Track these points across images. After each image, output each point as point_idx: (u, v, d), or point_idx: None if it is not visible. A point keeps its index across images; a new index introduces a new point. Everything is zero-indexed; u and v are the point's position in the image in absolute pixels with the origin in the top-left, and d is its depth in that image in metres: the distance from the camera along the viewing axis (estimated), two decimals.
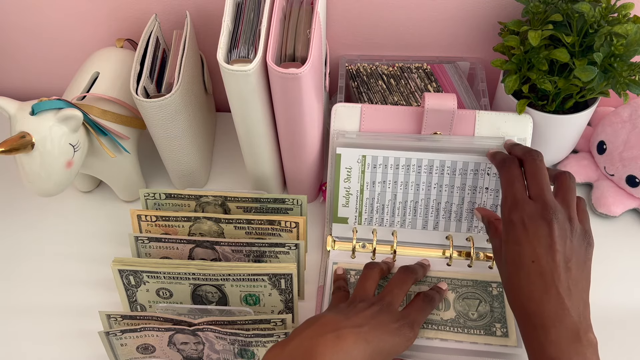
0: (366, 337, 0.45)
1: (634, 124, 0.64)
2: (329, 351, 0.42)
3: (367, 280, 0.55)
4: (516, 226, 0.47)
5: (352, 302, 0.50)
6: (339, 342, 0.43)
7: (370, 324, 0.46)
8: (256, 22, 0.55)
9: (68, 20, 0.73)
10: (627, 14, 0.56)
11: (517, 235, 0.47)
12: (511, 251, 0.47)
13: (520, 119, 0.61)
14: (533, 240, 0.46)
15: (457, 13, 0.69)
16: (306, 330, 0.45)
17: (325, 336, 0.44)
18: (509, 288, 0.48)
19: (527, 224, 0.47)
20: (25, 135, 0.53)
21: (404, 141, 0.61)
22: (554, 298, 0.44)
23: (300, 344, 0.44)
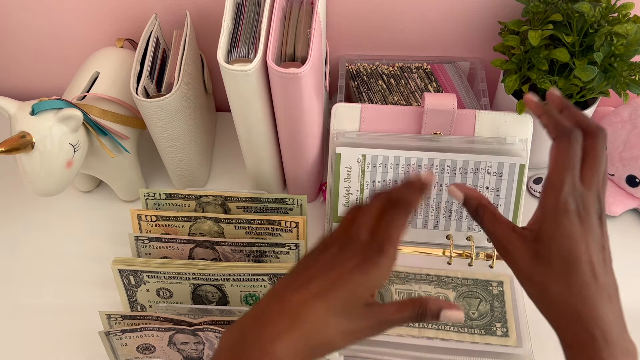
0: (324, 296, 0.38)
1: (634, 124, 0.64)
2: (274, 325, 0.37)
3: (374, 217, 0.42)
4: (571, 217, 0.40)
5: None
6: (284, 309, 0.37)
7: (326, 275, 0.39)
8: (256, 22, 0.55)
9: (68, 20, 0.73)
10: (627, 14, 0.56)
11: (571, 228, 0.40)
12: (561, 245, 0.40)
13: (521, 118, 0.61)
14: (588, 237, 0.40)
15: (457, 13, 0.69)
16: (259, 302, 0.39)
17: (270, 306, 0.38)
18: (553, 288, 0.40)
19: (583, 216, 0.40)
20: (25, 135, 0.53)
21: (404, 141, 0.61)
22: (607, 302, 0.39)
23: (248, 320, 0.38)
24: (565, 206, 0.40)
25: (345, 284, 0.39)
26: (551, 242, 0.40)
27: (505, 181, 0.61)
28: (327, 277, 0.39)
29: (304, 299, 0.38)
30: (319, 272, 0.39)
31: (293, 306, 0.38)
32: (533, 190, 0.69)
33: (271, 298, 0.39)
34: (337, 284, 0.39)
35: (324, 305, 0.38)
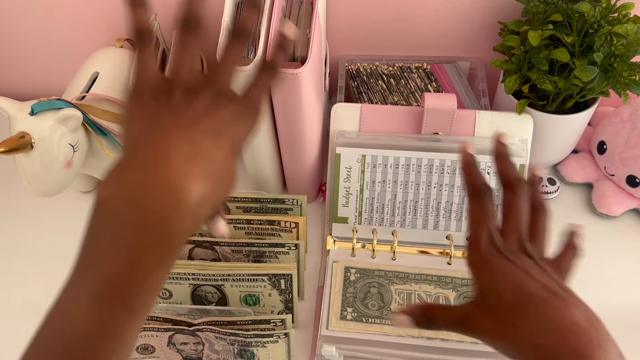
0: (219, 132, 0.34)
1: (634, 124, 0.64)
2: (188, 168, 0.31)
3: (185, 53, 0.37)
4: (500, 260, 0.39)
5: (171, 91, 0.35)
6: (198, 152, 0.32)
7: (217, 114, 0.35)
8: (256, 22, 0.55)
9: (67, 21, 0.73)
10: (627, 14, 0.56)
11: (504, 268, 0.39)
12: (506, 285, 0.39)
13: (520, 119, 0.61)
14: (527, 268, 0.39)
15: (457, 13, 0.69)
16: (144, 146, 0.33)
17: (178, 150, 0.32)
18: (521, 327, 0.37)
19: (512, 258, 0.39)
20: (24, 135, 0.53)
21: (403, 141, 0.61)
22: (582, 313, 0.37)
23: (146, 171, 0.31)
24: (490, 255, 0.39)
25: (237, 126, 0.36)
26: (495, 288, 0.39)
27: None
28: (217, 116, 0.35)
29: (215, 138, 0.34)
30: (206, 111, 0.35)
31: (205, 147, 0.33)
32: None
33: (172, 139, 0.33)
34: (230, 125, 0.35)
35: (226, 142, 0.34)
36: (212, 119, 0.34)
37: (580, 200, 0.69)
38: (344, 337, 0.56)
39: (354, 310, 0.58)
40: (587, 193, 0.70)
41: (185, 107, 0.35)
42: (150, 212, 0.31)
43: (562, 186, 0.70)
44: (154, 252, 0.31)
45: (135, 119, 0.35)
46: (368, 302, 0.58)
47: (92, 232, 0.33)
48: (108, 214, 0.32)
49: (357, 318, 0.57)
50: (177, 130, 0.33)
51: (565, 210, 0.68)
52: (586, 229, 0.68)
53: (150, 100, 0.35)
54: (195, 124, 0.34)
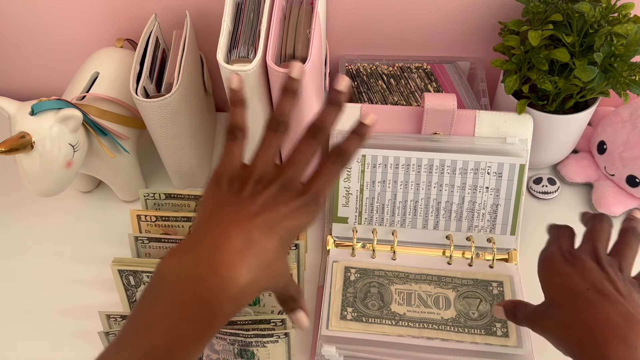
0: (272, 227, 0.38)
1: (634, 124, 0.64)
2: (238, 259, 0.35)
3: (267, 149, 0.42)
4: (558, 263, 0.45)
5: (245, 181, 0.40)
6: (249, 245, 0.36)
7: (276, 210, 0.38)
8: (256, 22, 0.55)
9: (68, 20, 0.73)
10: (627, 14, 0.56)
11: (561, 270, 0.45)
12: (558, 286, 0.45)
13: (521, 119, 0.61)
14: (582, 271, 0.44)
15: (457, 13, 0.69)
16: (205, 233, 0.37)
17: (231, 241, 0.36)
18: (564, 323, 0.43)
19: (571, 260, 0.45)
20: (24, 135, 0.53)
21: (404, 141, 0.61)
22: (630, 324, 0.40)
23: (201, 255, 0.36)
24: (552, 258, 0.46)
25: (293, 221, 0.39)
26: (549, 287, 0.46)
27: (505, 181, 0.61)
28: (275, 212, 0.39)
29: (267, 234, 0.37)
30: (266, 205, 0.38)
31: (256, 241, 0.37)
32: (533, 191, 0.69)
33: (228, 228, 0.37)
34: (286, 220, 0.39)
35: (278, 241, 0.38)
36: (270, 214, 0.38)
37: (580, 200, 0.69)
38: (344, 337, 0.56)
39: (354, 310, 0.58)
40: (587, 193, 0.70)
41: (251, 199, 0.39)
42: (197, 294, 0.34)
43: (562, 186, 0.70)
44: (196, 330, 0.34)
45: (208, 202, 0.40)
46: (368, 302, 0.58)
47: (144, 302, 0.36)
48: (161, 289, 0.35)
49: (357, 318, 0.57)
50: (235, 223, 0.37)
51: (565, 210, 0.68)
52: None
53: (225, 186, 0.40)
54: (253, 218, 0.37)
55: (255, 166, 0.41)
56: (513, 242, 0.62)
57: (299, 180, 0.41)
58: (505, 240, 0.62)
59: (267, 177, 0.41)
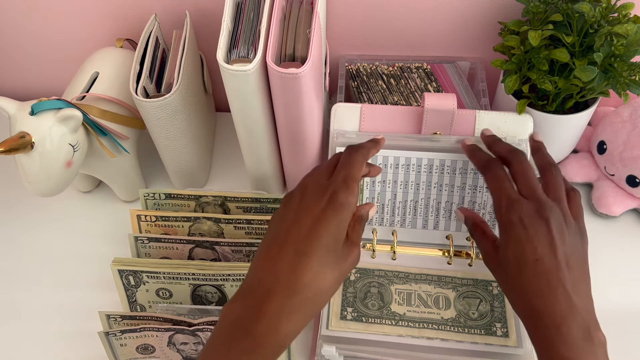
0: (304, 251, 0.40)
1: (634, 124, 0.64)
2: (280, 303, 0.39)
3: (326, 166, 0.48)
4: (515, 226, 0.46)
5: (281, 205, 0.45)
6: (295, 291, 0.39)
7: (302, 226, 0.41)
8: (256, 22, 0.55)
9: (68, 20, 0.73)
10: (628, 14, 0.56)
11: (517, 235, 0.46)
12: (513, 251, 0.46)
13: (520, 119, 0.61)
14: (534, 239, 0.45)
15: (457, 13, 0.69)
16: (256, 278, 0.41)
17: (275, 296, 0.39)
18: (512, 289, 0.46)
19: (526, 223, 0.46)
20: (24, 135, 0.53)
21: (403, 141, 0.61)
22: (562, 296, 0.43)
23: (252, 298, 0.40)
24: (508, 217, 0.47)
25: (325, 231, 0.41)
26: (506, 249, 0.47)
27: None
28: (304, 228, 0.41)
29: (295, 262, 0.40)
30: (295, 225, 0.41)
31: (287, 272, 0.39)
32: None
33: (261, 269, 0.41)
34: (318, 233, 0.41)
35: (316, 262, 0.40)
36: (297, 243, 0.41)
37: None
38: (344, 337, 0.56)
39: (354, 310, 0.58)
40: (587, 193, 0.70)
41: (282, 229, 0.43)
42: (249, 331, 0.38)
43: None
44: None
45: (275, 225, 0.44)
46: (368, 302, 0.58)
47: (210, 338, 0.40)
48: (222, 326, 0.40)
49: (357, 318, 0.57)
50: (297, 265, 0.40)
51: None
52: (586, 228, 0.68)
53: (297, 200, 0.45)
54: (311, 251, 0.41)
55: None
56: None
57: (320, 181, 0.44)
58: None
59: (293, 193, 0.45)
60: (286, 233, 0.42)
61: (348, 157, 0.47)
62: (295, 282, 0.39)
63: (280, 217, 0.44)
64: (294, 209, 0.43)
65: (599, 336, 0.42)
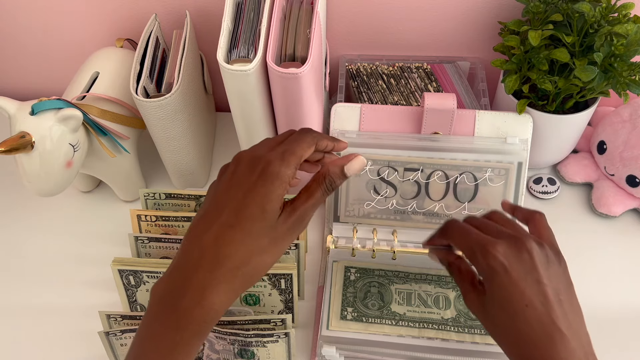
0: (238, 223, 0.39)
1: (634, 124, 0.64)
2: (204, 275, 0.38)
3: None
4: (497, 271, 0.42)
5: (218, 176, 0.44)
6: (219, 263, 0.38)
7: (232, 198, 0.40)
8: (256, 22, 0.55)
9: (68, 20, 0.73)
10: (628, 14, 0.56)
11: (501, 281, 0.42)
12: (499, 299, 0.42)
13: (520, 118, 0.61)
14: (520, 282, 0.42)
15: (457, 13, 0.69)
16: (183, 251, 0.40)
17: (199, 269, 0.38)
18: (502, 337, 0.43)
19: (507, 265, 0.42)
20: (25, 135, 0.53)
21: (403, 141, 0.61)
22: (559, 341, 0.40)
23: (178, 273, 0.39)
24: (487, 264, 0.43)
25: (252, 201, 0.39)
26: (491, 296, 0.43)
27: (505, 181, 0.61)
28: (233, 200, 0.39)
29: (219, 234, 0.39)
30: (224, 197, 0.40)
31: (211, 245, 0.38)
32: (533, 191, 0.69)
33: (189, 243, 0.40)
34: (245, 203, 0.39)
35: (239, 234, 0.39)
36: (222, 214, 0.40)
37: (580, 200, 0.69)
38: (344, 337, 0.56)
39: (354, 310, 0.58)
40: (587, 193, 0.70)
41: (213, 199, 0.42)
42: (174, 306, 0.38)
43: (562, 186, 0.70)
44: (175, 339, 0.38)
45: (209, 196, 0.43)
46: (368, 301, 0.58)
47: (143, 317, 0.40)
48: (150, 304, 0.39)
49: (358, 318, 0.57)
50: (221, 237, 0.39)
51: (565, 210, 0.68)
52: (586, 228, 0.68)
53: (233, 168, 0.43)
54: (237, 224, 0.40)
55: None
56: None
57: (260, 152, 0.42)
58: None
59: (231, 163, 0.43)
60: (215, 206, 0.40)
61: (296, 134, 0.44)
62: (217, 254, 0.38)
63: (213, 189, 0.42)
64: (226, 180, 0.41)
65: None
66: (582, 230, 0.66)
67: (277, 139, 0.44)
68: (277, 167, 0.40)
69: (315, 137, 0.44)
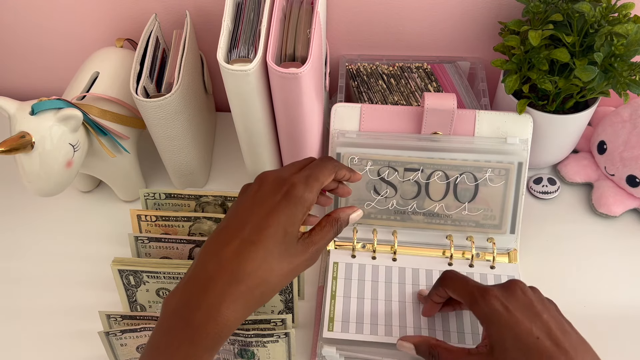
0: (250, 239, 0.40)
1: (634, 124, 0.64)
2: (219, 288, 0.38)
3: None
4: (501, 312, 0.44)
5: (239, 195, 0.45)
6: (221, 269, 0.39)
7: (251, 216, 0.41)
8: (256, 22, 0.55)
9: (68, 20, 0.73)
10: (628, 14, 0.56)
11: (507, 321, 0.43)
12: (510, 338, 0.43)
13: (521, 118, 0.61)
14: (525, 320, 0.43)
15: (457, 13, 0.69)
16: (196, 266, 0.40)
17: (216, 283, 0.39)
18: None
19: (509, 306, 0.44)
20: (25, 135, 0.53)
21: (403, 141, 0.61)
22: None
23: (191, 286, 0.39)
24: (491, 308, 0.44)
25: (276, 221, 0.40)
26: (499, 343, 0.43)
27: (505, 181, 0.61)
28: (255, 217, 0.40)
29: (240, 250, 0.39)
30: (246, 214, 0.41)
31: (231, 260, 0.38)
32: (533, 190, 0.69)
33: (207, 256, 0.40)
34: (268, 223, 0.40)
35: (262, 252, 0.39)
36: (244, 230, 0.41)
37: (580, 200, 0.69)
38: (344, 338, 0.56)
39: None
40: (587, 193, 0.70)
41: (233, 217, 0.43)
42: (187, 320, 0.38)
43: (562, 186, 0.70)
44: (187, 353, 0.38)
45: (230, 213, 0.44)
46: None
47: (154, 330, 0.40)
48: (162, 318, 0.39)
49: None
50: (242, 254, 0.40)
51: (565, 210, 0.68)
52: (586, 228, 0.68)
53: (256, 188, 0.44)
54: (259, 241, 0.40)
55: None
56: (513, 241, 0.62)
57: (283, 175, 0.43)
58: (505, 240, 0.62)
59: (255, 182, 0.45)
60: (237, 221, 0.41)
61: (319, 161, 0.46)
62: (237, 269, 0.38)
63: (235, 206, 0.43)
64: (249, 197, 0.42)
65: None
66: (582, 230, 0.66)
67: (298, 164, 0.46)
68: (301, 190, 0.41)
69: (335, 166, 0.46)
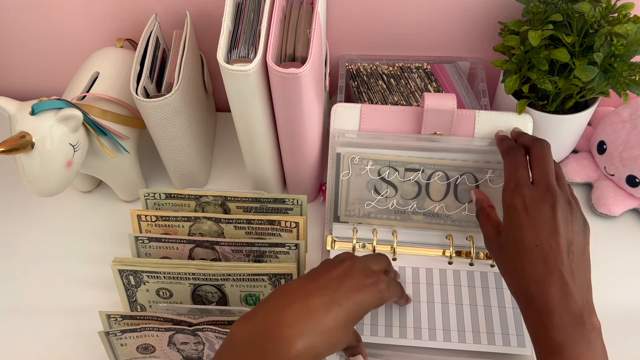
0: (337, 300, 0.43)
1: (634, 124, 0.64)
2: (297, 321, 0.40)
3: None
4: (518, 210, 0.47)
5: (324, 262, 0.48)
6: (307, 310, 0.41)
7: (342, 284, 0.44)
8: (256, 22, 0.55)
9: (68, 20, 0.73)
10: (628, 14, 0.56)
11: (519, 219, 0.47)
12: (514, 235, 0.47)
13: (520, 119, 0.61)
14: (536, 224, 0.46)
15: (458, 13, 0.69)
16: (272, 299, 0.43)
17: (293, 306, 0.41)
18: (510, 273, 0.48)
19: (529, 208, 0.47)
20: (25, 135, 0.53)
21: (403, 141, 0.61)
22: (557, 281, 0.44)
23: (266, 316, 0.41)
24: (512, 200, 0.48)
25: (361, 297, 0.44)
26: (507, 233, 0.48)
27: None
28: (346, 287, 0.44)
29: (326, 303, 0.42)
30: (338, 280, 0.44)
31: (315, 308, 0.42)
32: None
33: (292, 296, 0.43)
34: (355, 296, 0.44)
35: (343, 313, 0.42)
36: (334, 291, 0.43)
37: (580, 200, 0.69)
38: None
39: None
40: (586, 193, 0.70)
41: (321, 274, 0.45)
42: (262, 349, 0.39)
43: None
44: None
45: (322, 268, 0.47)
46: None
47: (219, 357, 0.41)
48: (233, 345, 0.41)
49: None
50: (298, 291, 0.43)
51: None
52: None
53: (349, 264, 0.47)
54: (316, 289, 0.43)
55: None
56: None
57: (375, 267, 0.48)
58: None
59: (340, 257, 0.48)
60: (330, 280, 0.44)
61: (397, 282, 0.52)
62: (321, 321, 0.41)
63: (327, 267, 0.46)
64: (344, 268, 0.46)
65: (592, 321, 0.43)
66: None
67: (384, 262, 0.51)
68: (385, 290, 0.46)
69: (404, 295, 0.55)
